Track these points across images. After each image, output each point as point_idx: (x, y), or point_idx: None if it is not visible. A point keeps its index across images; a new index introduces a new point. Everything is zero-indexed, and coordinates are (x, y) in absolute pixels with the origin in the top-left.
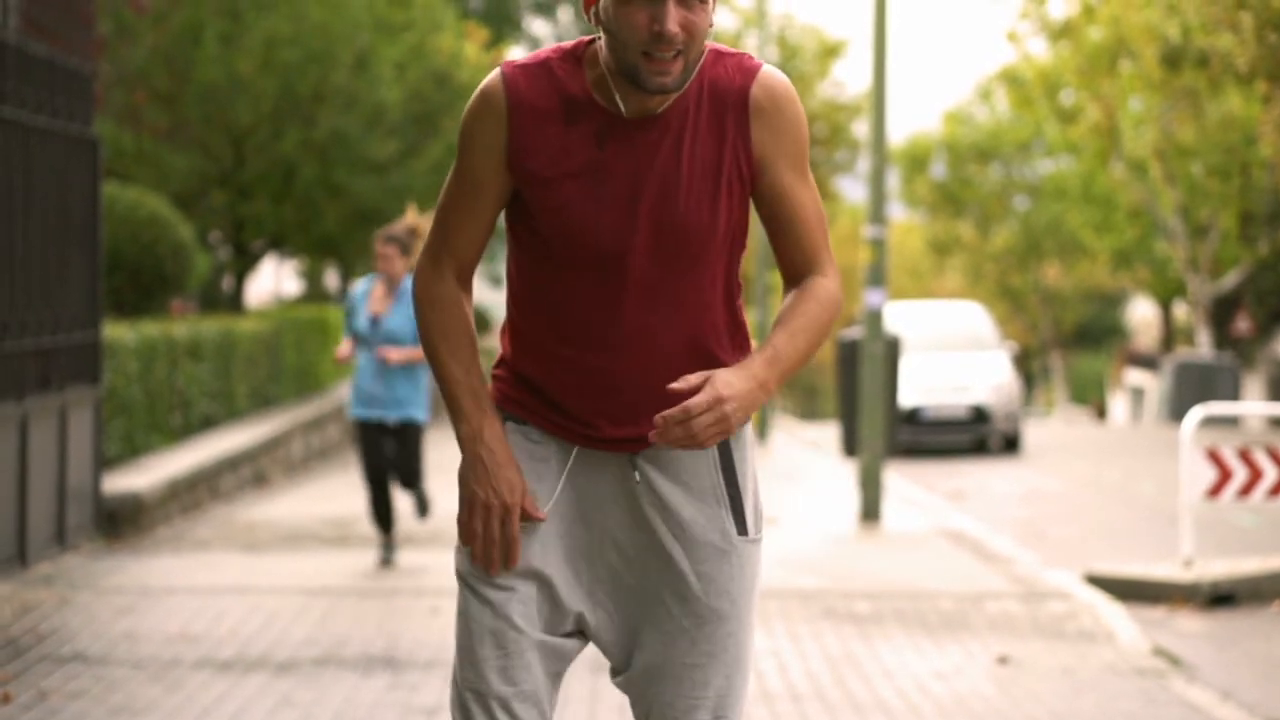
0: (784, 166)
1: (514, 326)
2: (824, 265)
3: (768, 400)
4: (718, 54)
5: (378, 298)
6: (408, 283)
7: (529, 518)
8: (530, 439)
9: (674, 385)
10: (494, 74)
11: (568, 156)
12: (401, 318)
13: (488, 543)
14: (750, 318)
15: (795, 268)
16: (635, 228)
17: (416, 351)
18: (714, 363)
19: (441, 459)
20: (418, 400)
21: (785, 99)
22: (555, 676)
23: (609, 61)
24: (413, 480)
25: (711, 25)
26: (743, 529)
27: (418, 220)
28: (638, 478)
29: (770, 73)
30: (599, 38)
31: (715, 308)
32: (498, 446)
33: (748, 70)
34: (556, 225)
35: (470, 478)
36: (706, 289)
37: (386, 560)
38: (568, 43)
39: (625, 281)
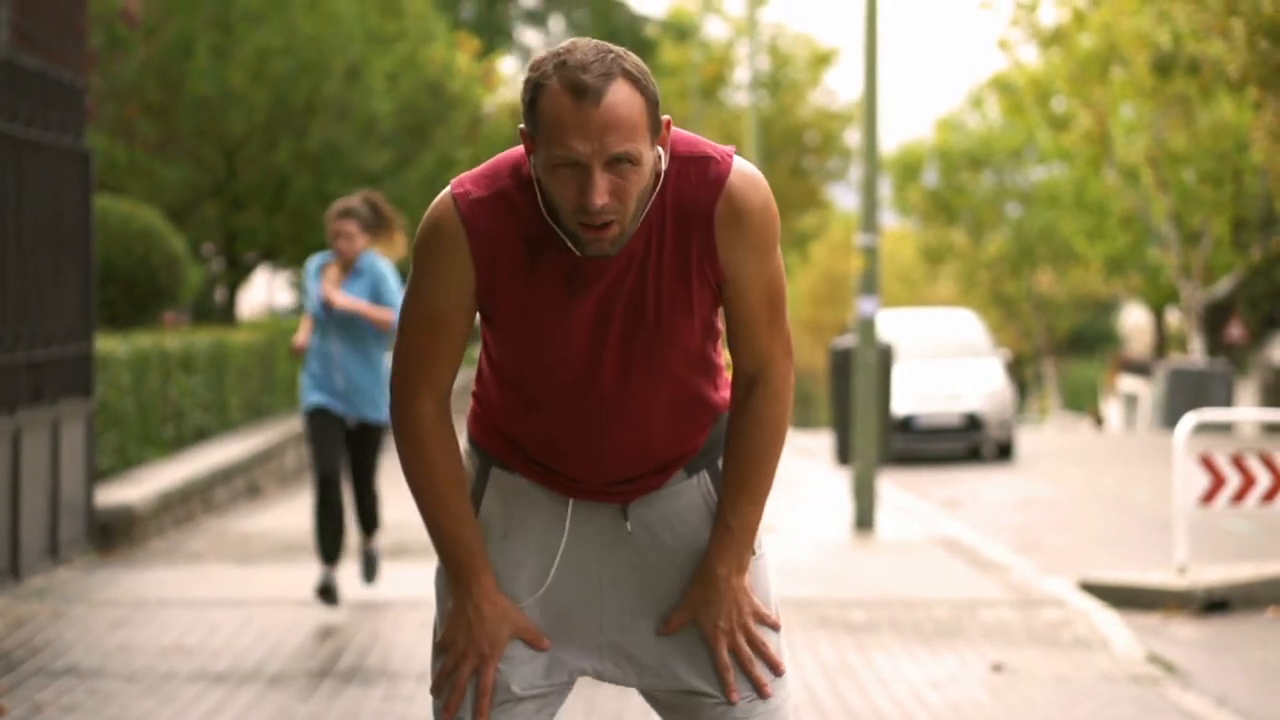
0: (745, 275)
1: (486, 396)
2: (773, 364)
3: (751, 553)
4: (683, 161)
5: (332, 279)
6: (365, 261)
7: (532, 645)
8: (520, 489)
9: (661, 632)
10: (447, 203)
11: (535, 291)
12: (357, 295)
13: (453, 690)
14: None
15: (744, 364)
16: (606, 346)
17: (375, 311)
18: (698, 403)
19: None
20: (379, 397)
21: (751, 208)
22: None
23: (549, 215)
24: (366, 488)
25: (655, 172)
26: None
27: (374, 193)
28: (629, 528)
29: (735, 185)
30: None
31: (694, 367)
32: (486, 604)
33: (713, 183)
34: (526, 350)
35: (451, 620)
36: (684, 364)
37: (327, 591)
38: (520, 160)
39: (599, 386)
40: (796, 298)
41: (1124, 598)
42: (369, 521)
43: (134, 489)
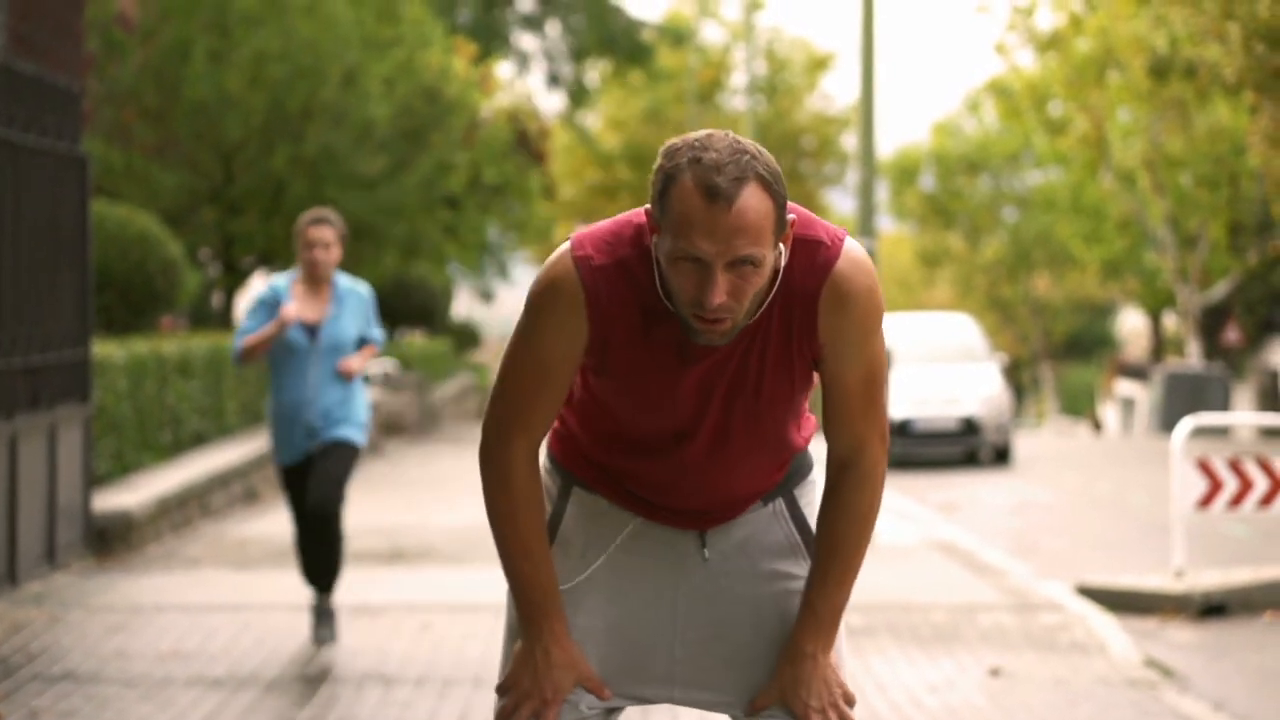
0: (845, 356)
1: (573, 424)
2: (865, 448)
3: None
4: (794, 243)
5: (304, 299)
6: (344, 284)
7: (594, 694)
8: (600, 509)
9: (748, 713)
10: (568, 264)
11: (646, 357)
12: (347, 324)
13: None
14: None
15: (837, 446)
16: (708, 412)
17: (366, 355)
18: (783, 448)
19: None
20: (352, 416)
21: (855, 294)
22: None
23: (665, 294)
24: (331, 504)
25: (775, 269)
26: None
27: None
28: (707, 555)
29: (841, 271)
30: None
31: (786, 423)
32: (556, 649)
33: (821, 268)
34: (629, 407)
35: (518, 661)
36: (778, 424)
37: (323, 636)
38: (642, 228)
39: (695, 443)
40: None
41: (1121, 602)
42: (328, 570)
43: (131, 494)
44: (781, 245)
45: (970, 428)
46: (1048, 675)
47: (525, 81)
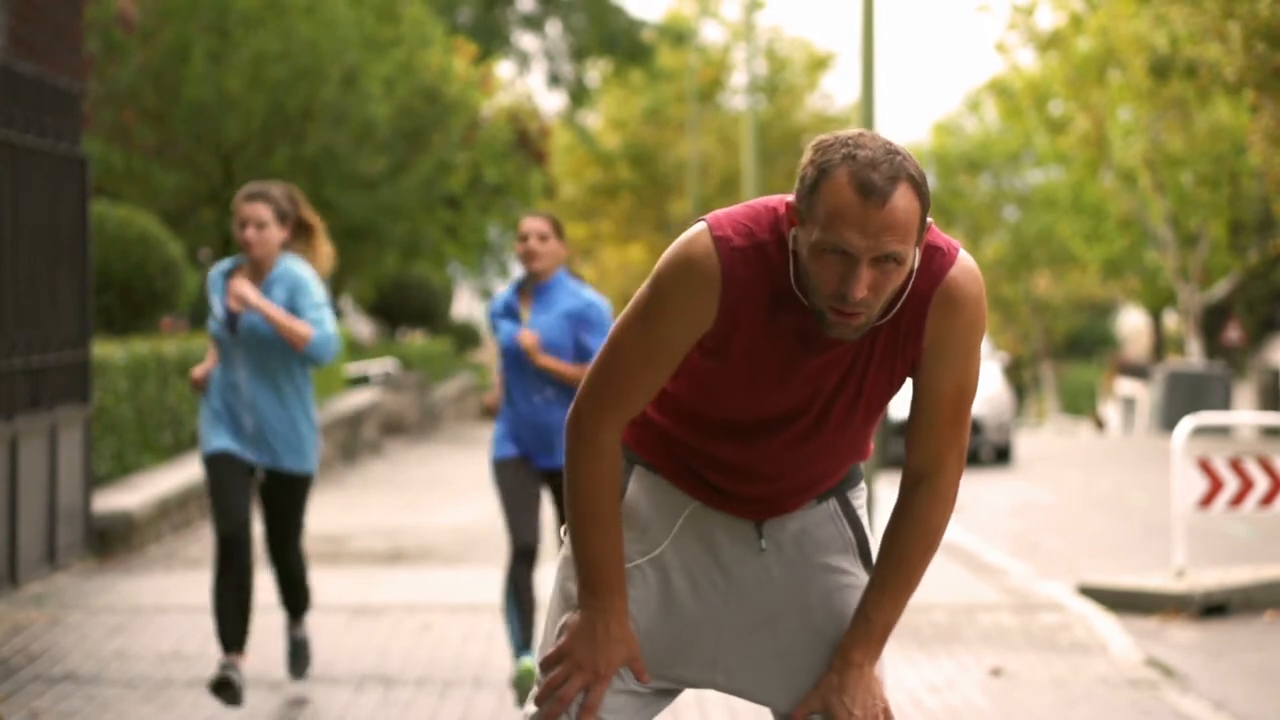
0: (944, 362)
1: (649, 416)
2: (943, 465)
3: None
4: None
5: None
6: (282, 266)
7: (635, 675)
8: (661, 488)
9: (796, 717)
10: (707, 244)
11: (768, 342)
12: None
13: (558, 701)
14: None
15: (915, 458)
16: (814, 403)
17: (291, 323)
18: (857, 450)
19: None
20: (297, 441)
21: (965, 300)
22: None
23: (798, 285)
24: (288, 557)
25: (910, 269)
26: (870, 567)
27: (295, 189)
28: (764, 545)
29: (955, 277)
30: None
31: (871, 425)
32: (616, 625)
33: (936, 273)
34: (739, 389)
35: (576, 633)
36: (867, 424)
37: (226, 686)
38: (779, 214)
39: (790, 432)
40: None
41: (1122, 601)
42: (295, 600)
43: (131, 495)
44: (918, 249)
45: (972, 427)
46: (1048, 675)
47: (526, 81)
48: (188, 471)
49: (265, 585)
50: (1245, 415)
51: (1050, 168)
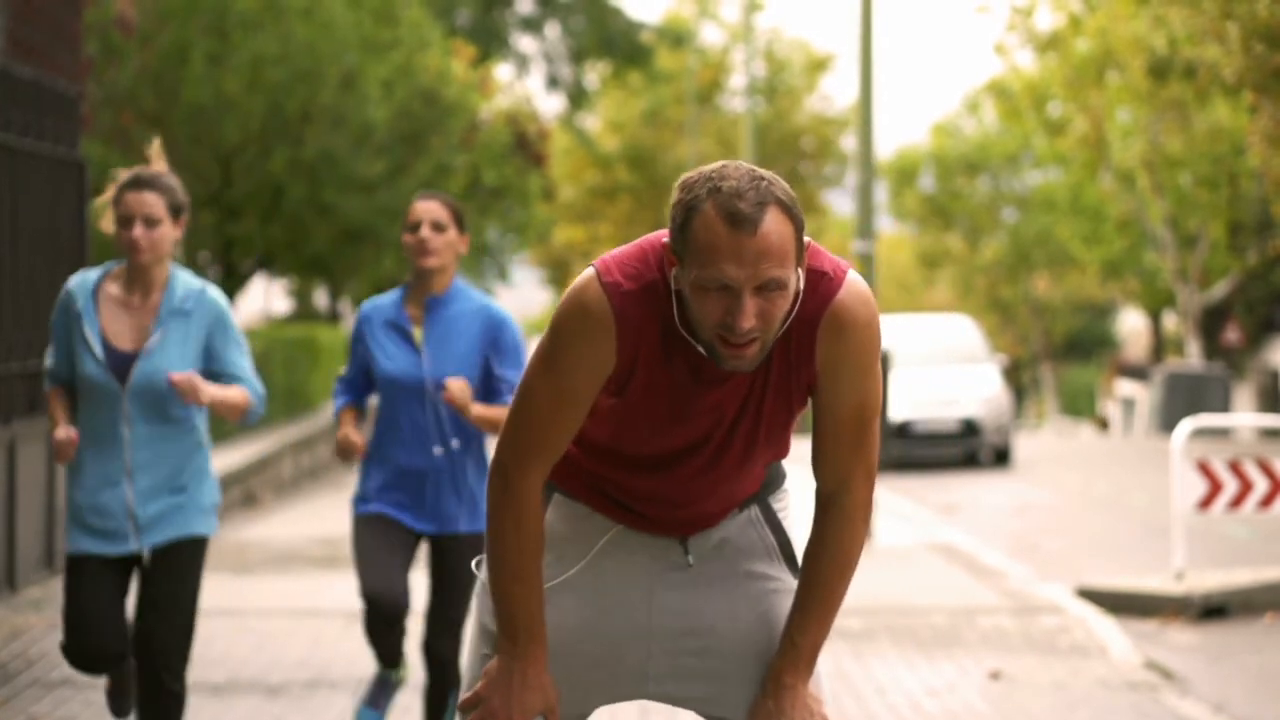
0: (840, 384)
1: (568, 451)
2: (849, 486)
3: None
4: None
5: (117, 309)
6: (184, 284)
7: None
8: (580, 514)
9: None
10: (597, 290)
11: (666, 381)
12: (178, 353)
13: None
14: None
15: (822, 481)
16: (714, 434)
17: (234, 398)
18: (770, 461)
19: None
20: (198, 496)
21: (853, 324)
22: None
23: (684, 324)
24: (169, 662)
25: (796, 291)
26: (796, 571)
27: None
28: (691, 561)
29: (842, 301)
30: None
31: (779, 442)
32: (532, 672)
33: (822, 297)
34: (640, 425)
35: (494, 679)
36: (774, 444)
37: None
38: (665, 251)
39: (697, 460)
40: None
41: (1121, 604)
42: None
43: None
44: (800, 269)
45: (970, 429)
46: (1048, 678)
47: (524, 83)
48: None
49: (270, 592)
50: (1244, 417)
51: (1049, 169)
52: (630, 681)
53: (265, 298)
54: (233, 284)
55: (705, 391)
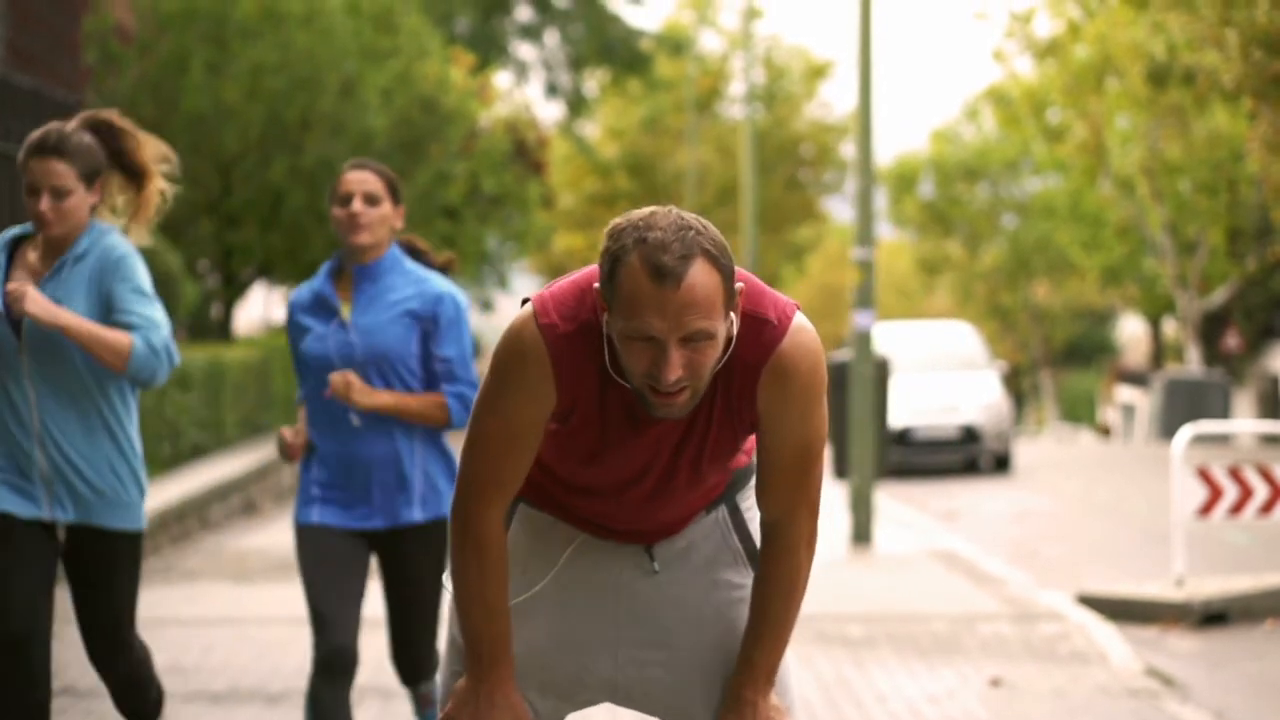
0: (782, 425)
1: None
2: (791, 519)
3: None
4: (744, 319)
5: (23, 273)
6: (91, 238)
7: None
8: (545, 524)
9: None
10: (532, 329)
11: (603, 415)
12: (70, 303)
13: None
14: None
15: (767, 512)
16: (653, 468)
17: (103, 336)
18: (727, 474)
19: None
20: (119, 485)
21: (795, 372)
22: None
23: (616, 370)
24: (113, 644)
25: (728, 338)
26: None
27: (111, 115)
28: (656, 568)
29: (785, 351)
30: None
31: (730, 464)
32: (500, 694)
33: (765, 346)
34: (583, 457)
35: (461, 698)
36: (723, 468)
37: None
38: (598, 291)
39: (644, 487)
40: None
41: (1121, 610)
42: (140, 708)
43: None
44: (733, 314)
45: (970, 436)
46: (1048, 685)
47: (523, 91)
48: (186, 484)
49: (270, 600)
50: (1244, 423)
51: (1048, 175)
52: (600, 690)
53: (265, 306)
54: (232, 292)
55: (644, 429)
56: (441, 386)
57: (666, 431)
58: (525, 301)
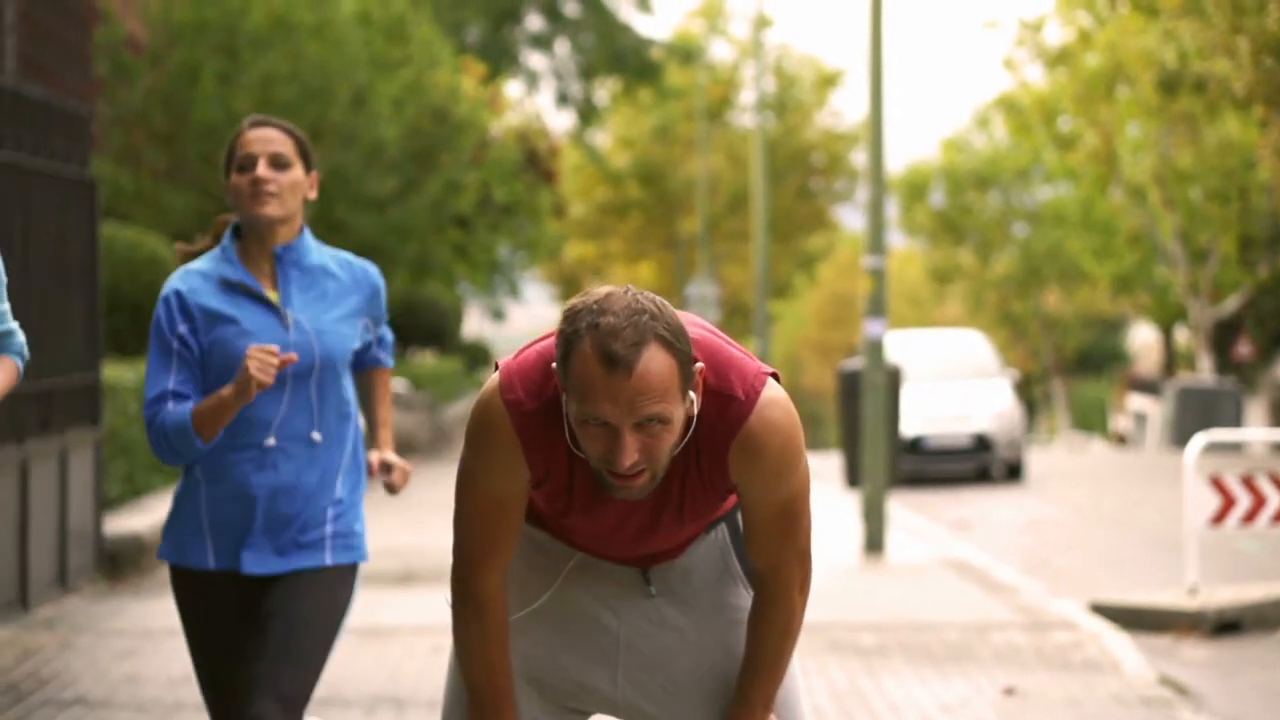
0: (760, 490)
1: None
2: (780, 570)
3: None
4: (707, 394)
5: None
6: None
7: None
8: (541, 542)
9: None
10: (499, 408)
11: (572, 486)
12: None
13: None
14: (751, 347)
15: (755, 562)
16: (631, 523)
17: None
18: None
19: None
20: None
21: (764, 452)
22: None
23: (576, 447)
24: None
25: (688, 418)
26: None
27: None
28: (653, 592)
29: (752, 428)
30: None
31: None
32: None
33: (731, 424)
34: (562, 513)
35: None
36: (708, 518)
37: None
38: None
39: (626, 536)
40: (804, 319)
41: (1134, 619)
42: None
43: (143, 517)
44: (692, 393)
45: (982, 444)
46: (1061, 694)
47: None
48: None
49: None
50: (1257, 432)
51: (1059, 184)
52: (599, 704)
53: None
54: None
55: (612, 500)
56: (375, 354)
57: (639, 503)
58: (496, 367)
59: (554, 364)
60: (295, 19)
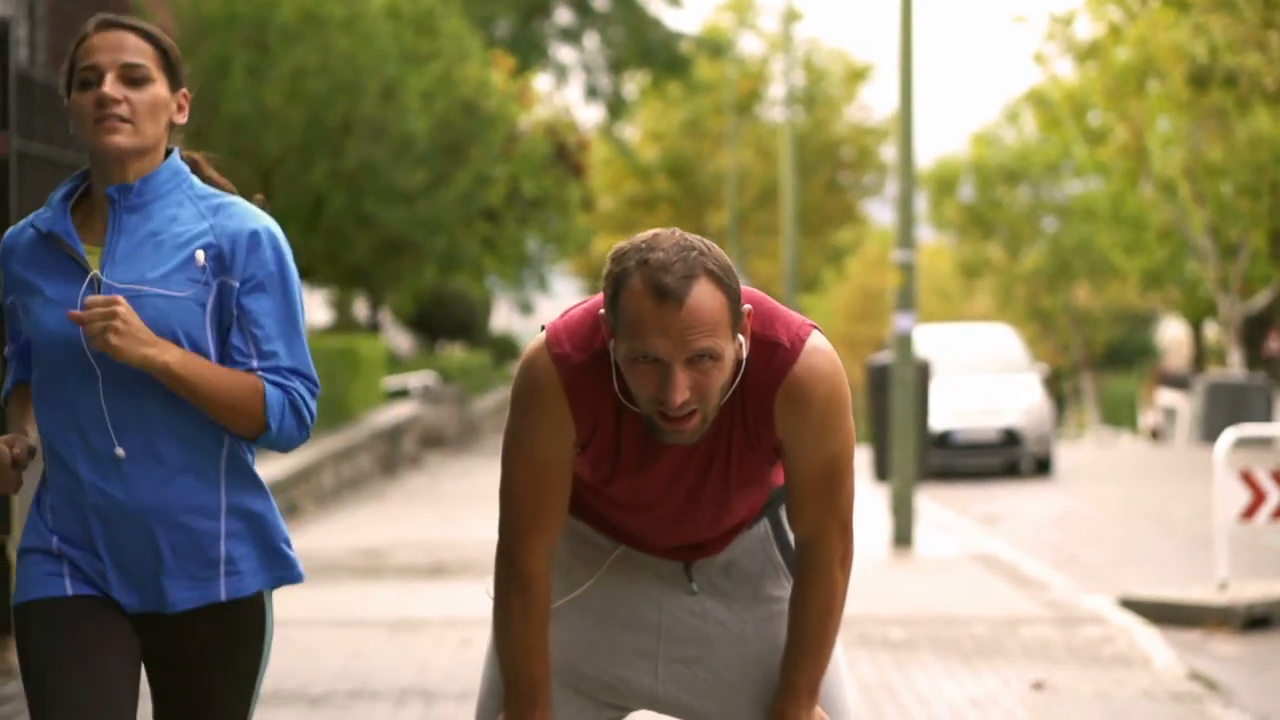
0: (805, 445)
1: None
2: (822, 539)
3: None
4: (753, 343)
5: None
6: None
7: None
8: (585, 534)
9: None
10: (547, 363)
11: (622, 444)
12: None
13: None
14: None
15: (797, 531)
16: (678, 490)
17: None
18: (761, 493)
19: None
20: None
21: (810, 399)
22: None
23: (626, 396)
24: None
25: (737, 360)
26: None
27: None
28: (695, 589)
29: (797, 375)
30: None
31: (762, 486)
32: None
33: (777, 371)
34: (606, 478)
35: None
36: (754, 487)
37: None
38: (604, 318)
39: (671, 507)
40: (833, 313)
41: (1164, 614)
42: None
43: None
44: (741, 336)
45: (1011, 439)
46: (1091, 689)
47: (563, 94)
48: None
49: (307, 602)
50: None
51: (1089, 178)
52: (639, 700)
53: (306, 309)
54: None
55: (662, 454)
56: (251, 365)
57: (690, 455)
58: (542, 329)
59: (601, 312)
60: (325, 12)
